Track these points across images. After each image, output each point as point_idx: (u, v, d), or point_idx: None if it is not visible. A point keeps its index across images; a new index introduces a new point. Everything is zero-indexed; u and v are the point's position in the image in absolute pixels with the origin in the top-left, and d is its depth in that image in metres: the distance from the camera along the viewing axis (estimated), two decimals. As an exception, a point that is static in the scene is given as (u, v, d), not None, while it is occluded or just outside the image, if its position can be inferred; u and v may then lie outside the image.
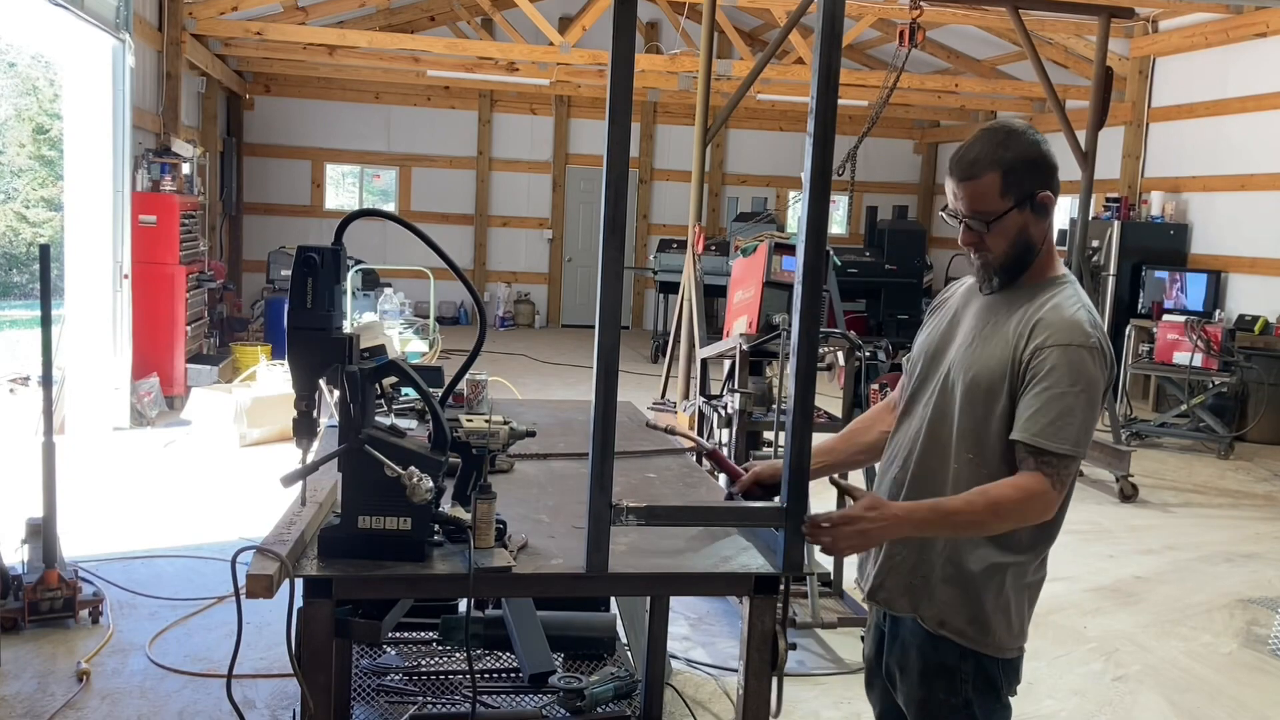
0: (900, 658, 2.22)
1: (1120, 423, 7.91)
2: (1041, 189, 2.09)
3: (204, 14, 10.14)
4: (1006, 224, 2.09)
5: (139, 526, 5.53)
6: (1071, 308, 2.07)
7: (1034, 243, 2.12)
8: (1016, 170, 2.06)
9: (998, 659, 2.14)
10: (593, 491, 2.01)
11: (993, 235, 2.10)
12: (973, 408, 2.11)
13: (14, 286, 18.24)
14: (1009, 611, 2.14)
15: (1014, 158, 2.07)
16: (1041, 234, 2.13)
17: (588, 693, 3.25)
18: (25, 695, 3.60)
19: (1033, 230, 2.11)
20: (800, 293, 2.05)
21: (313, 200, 14.84)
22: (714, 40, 6.94)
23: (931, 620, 2.15)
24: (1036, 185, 2.09)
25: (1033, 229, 2.11)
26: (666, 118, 15.37)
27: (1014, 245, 2.11)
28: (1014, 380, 2.06)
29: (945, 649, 2.14)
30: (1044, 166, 2.10)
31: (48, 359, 4.26)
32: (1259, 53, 9.96)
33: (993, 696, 2.16)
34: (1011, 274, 2.13)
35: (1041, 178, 2.09)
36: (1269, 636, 4.63)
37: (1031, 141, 2.10)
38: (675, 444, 3.14)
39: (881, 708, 2.37)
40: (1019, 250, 2.11)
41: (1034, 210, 2.09)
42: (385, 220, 3.39)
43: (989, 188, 2.07)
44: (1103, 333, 2.08)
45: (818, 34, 1.97)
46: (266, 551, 1.98)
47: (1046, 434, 2.00)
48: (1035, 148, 2.10)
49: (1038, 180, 2.09)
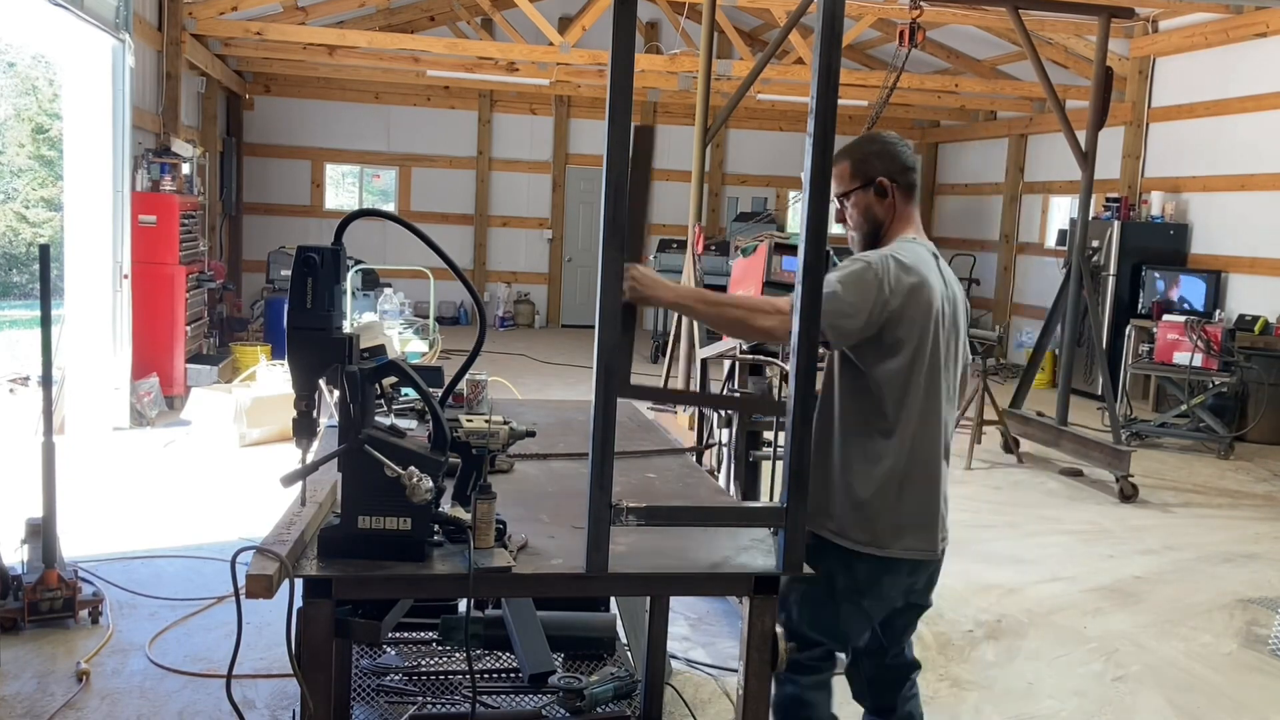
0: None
1: (1120, 423, 7.91)
2: (882, 175, 2.68)
3: (204, 14, 10.14)
4: (856, 200, 2.71)
5: (139, 526, 5.53)
6: (882, 250, 2.63)
7: (880, 217, 2.71)
8: (864, 160, 2.69)
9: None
10: (593, 491, 2.01)
11: (850, 210, 2.74)
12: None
13: (14, 286, 18.24)
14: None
15: (864, 151, 2.71)
16: (885, 210, 2.71)
17: (588, 693, 3.25)
18: (25, 695, 3.60)
19: (876, 208, 2.71)
20: (800, 293, 2.05)
21: (313, 200, 14.84)
22: (714, 40, 6.93)
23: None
24: (878, 172, 2.68)
25: (876, 207, 2.71)
26: (666, 118, 15.36)
27: (864, 218, 2.72)
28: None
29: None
30: (886, 158, 2.70)
31: (48, 359, 4.26)
32: (1259, 53, 9.96)
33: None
34: (869, 241, 2.73)
35: (883, 167, 2.69)
36: (1269, 636, 4.63)
37: (884, 142, 2.74)
38: (675, 443, 3.13)
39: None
40: (870, 224, 2.72)
41: (876, 192, 2.69)
42: (385, 220, 3.39)
43: (843, 172, 2.71)
44: (896, 262, 2.56)
45: (818, 34, 1.97)
46: (266, 551, 1.98)
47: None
48: (883, 146, 2.72)
49: (879, 169, 2.68)
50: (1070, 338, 8.05)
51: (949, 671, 4.16)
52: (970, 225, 15.21)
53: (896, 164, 2.69)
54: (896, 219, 2.71)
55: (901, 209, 2.71)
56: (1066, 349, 8.10)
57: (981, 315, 14.61)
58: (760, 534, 2.38)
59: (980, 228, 14.94)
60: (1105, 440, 7.36)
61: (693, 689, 3.86)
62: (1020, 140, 13.93)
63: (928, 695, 3.93)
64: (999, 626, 4.68)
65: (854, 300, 2.47)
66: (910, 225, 2.72)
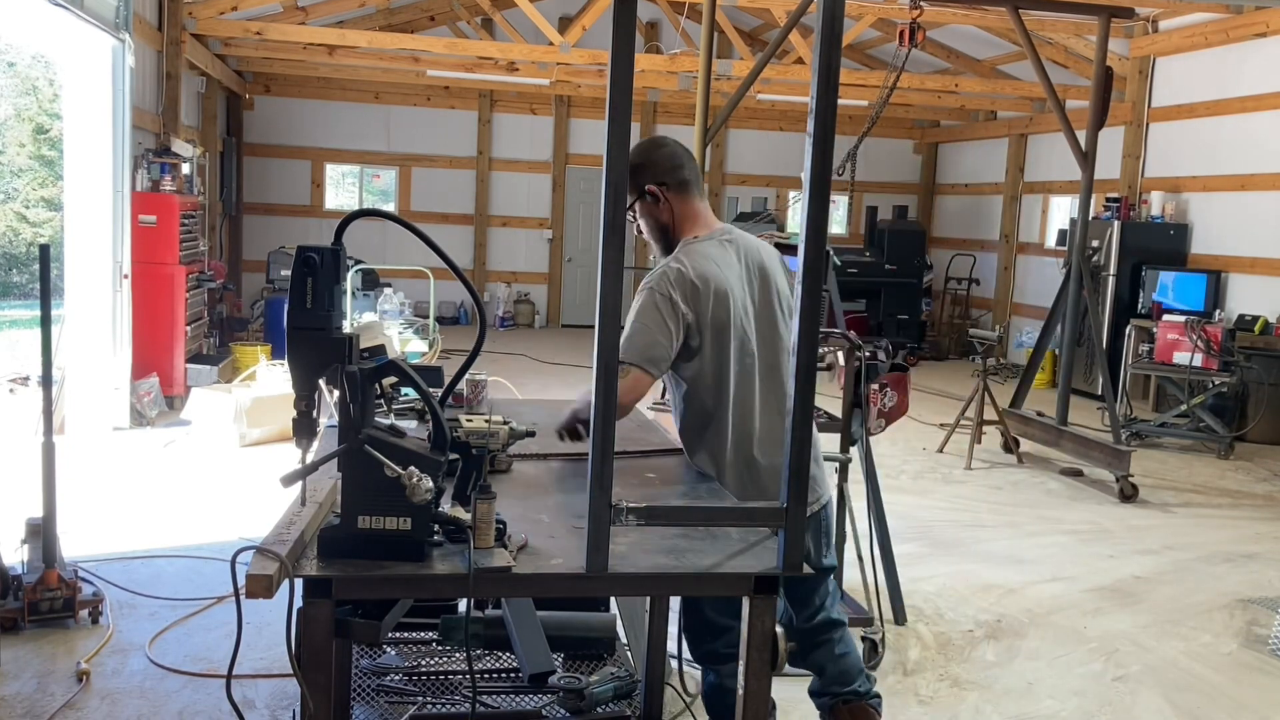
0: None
1: (1120, 423, 7.92)
2: (650, 183, 2.87)
3: (204, 14, 10.14)
4: (639, 212, 2.93)
5: (139, 526, 5.53)
6: (663, 263, 2.83)
7: (663, 221, 2.92)
8: (631, 174, 2.63)
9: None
10: (593, 491, 2.01)
11: (639, 222, 2.95)
12: None
13: (14, 286, 18.25)
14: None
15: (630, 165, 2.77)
16: (665, 213, 2.91)
17: (588, 693, 3.25)
18: (25, 695, 3.60)
19: (656, 214, 2.91)
20: (800, 293, 2.05)
21: (313, 200, 14.84)
22: (714, 40, 6.93)
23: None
24: (646, 180, 2.87)
25: (655, 213, 2.91)
26: (666, 118, 15.36)
27: (651, 226, 2.95)
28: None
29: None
30: (651, 166, 2.88)
31: (48, 359, 4.26)
32: (1259, 53, 9.96)
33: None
34: (663, 245, 2.95)
35: (651, 175, 2.88)
36: (1269, 636, 4.63)
37: (645, 150, 2.92)
38: (675, 443, 3.13)
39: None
40: (658, 229, 2.94)
41: (651, 199, 2.89)
42: (385, 220, 3.39)
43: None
44: (676, 274, 2.76)
45: (818, 34, 1.97)
46: (266, 551, 1.98)
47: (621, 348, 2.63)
48: (644, 156, 2.89)
49: (647, 177, 2.87)
50: (1070, 338, 8.05)
51: (949, 671, 4.16)
52: (970, 225, 15.22)
53: (661, 168, 2.88)
54: (680, 219, 2.93)
55: (680, 208, 2.91)
56: (1066, 349, 8.10)
57: (981, 315, 14.61)
58: (760, 534, 2.38)
59: (980, 228, 14.94)
60: (1105, 440, 7.36)
61: (693, 689, 3.86)
62: (1020, 140, 13.93)
63: (928, 695, 3.94)
64: (999, 626, 4.68)
65: (656, 332, 2.75)
66: (695, 222, 2.93)
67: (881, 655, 4.17)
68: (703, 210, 2.96)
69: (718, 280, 2.79)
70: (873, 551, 4.46)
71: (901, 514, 6.23)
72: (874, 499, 4.69)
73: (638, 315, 2.76)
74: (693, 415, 2.91)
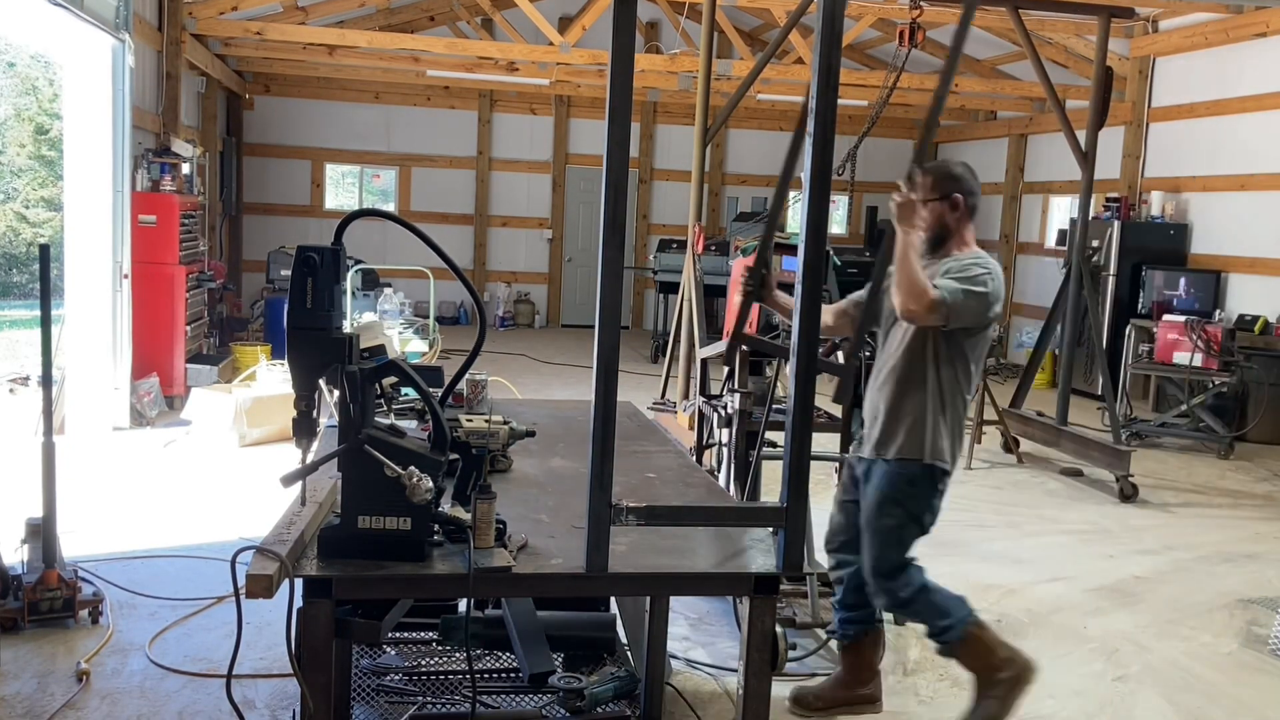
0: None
1: (1120, 423, 7.91)
2: (961, 193, 3.45)
3: (204, 14, 10.14)
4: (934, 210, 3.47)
5: (139, 526, 5.53)
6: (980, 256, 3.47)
7: (949, 227, 3.47)
8: (950, 179, 3.53)
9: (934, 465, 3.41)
10: (593, 491, 2.01)
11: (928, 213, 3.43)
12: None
13: (14, 286, 18.25)
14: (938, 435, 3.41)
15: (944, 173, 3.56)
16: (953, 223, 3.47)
17: (588, 693, 3.25)
18: (25, 695, 3.60)
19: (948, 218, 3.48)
20: (800, 293, 2.05)
21: (312, 200, 14.84)
22: (714, 40, 6.94)
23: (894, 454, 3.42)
24: (960, 190, 3.47)
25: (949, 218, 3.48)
26: (666, 118, 15.36)
27: (935, 224, 3.48)
28: None
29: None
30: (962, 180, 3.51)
31: (48, 359, 4.26)
32: (1259, 53, 9.95)
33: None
34: (931, 246, 3.48)
35: (963, 188, 3.49)
36: (1269, 636, 4.63)
37: (963, 166, 3.54)
38: (675, 443, 3.13)
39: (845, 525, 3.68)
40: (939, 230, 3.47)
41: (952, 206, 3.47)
42: (385, 220, 3.39)
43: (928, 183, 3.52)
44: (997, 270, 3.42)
45: (818, 34, 1.98)
46: (266, 551, 1.98)
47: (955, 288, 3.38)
48: (963, 169, 3.53)
49: (961, 188, 3.49)
50: (1070, 338, 8.05)
51: (949, 671, 4.16)
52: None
53: (972, 190, 3.46)
54: (958, 233, 3.45)
55: (963, 226, 3.46)
56: (1066, 349, 8.10)
57: (981, 315, 14.59)
58: (760, 534, 2.38)
59: (980, 228, 14.75)
60: (1105, 440, 7.36)
61: (693, 689, 3.86)
62: (1020, 140, 13.93)
63: (928, 695, 3.94)
64: (999, 626, 4.67)
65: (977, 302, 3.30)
66: (965, 241, 3.48)
67: (881, 655, 4.17)
68: (971, 237, 3.50)
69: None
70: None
71: (901, 514, 6.22)
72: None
73: (974, 285, 3.29)
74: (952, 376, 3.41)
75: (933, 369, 3.38)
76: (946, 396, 3.38)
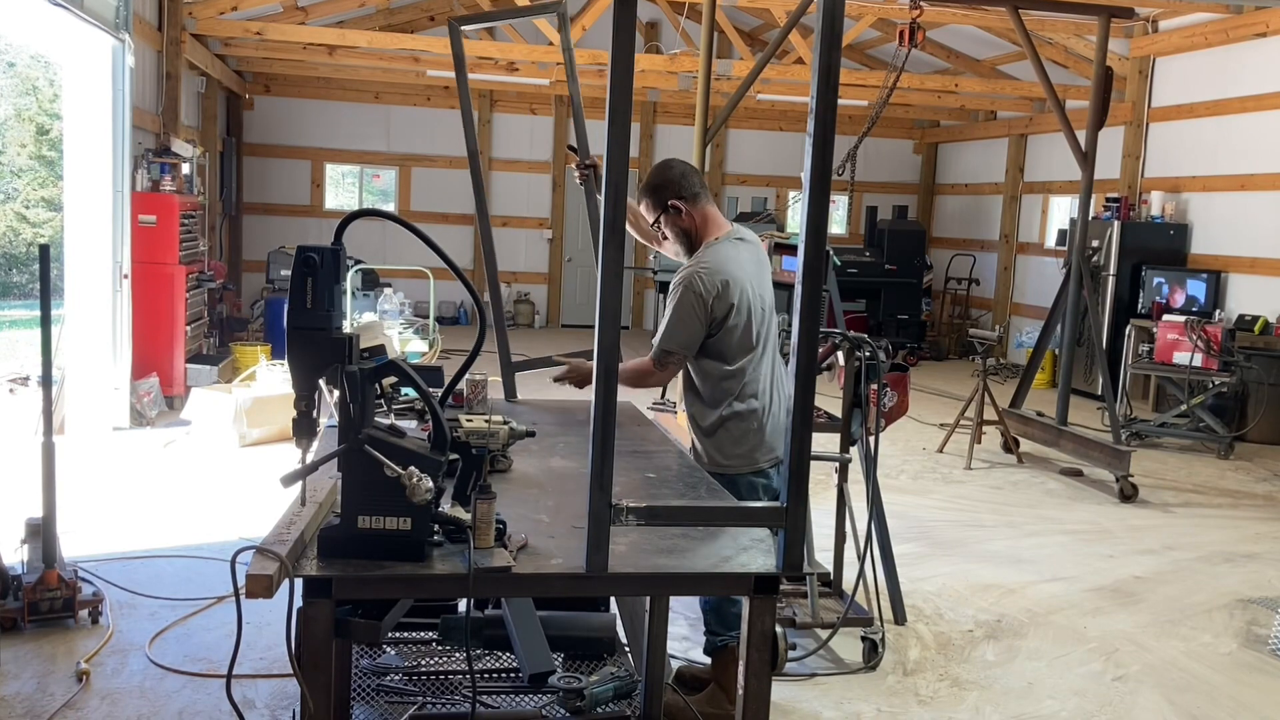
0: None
1: (1120, 423, 7.91)
2: (671, 199, 3.43)
3: (204, 14, 10.14)
4: (665, 223, 3.47)
5: (139, 526, 5.53)
6: (692, 264, 3.39)
7: (686, 229, 3.46)
8: (656, 190, 3.46)
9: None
10: (593, 491, 2.01)
11: (665, 231, 3.48)
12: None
13: (14, 286, 18.25)
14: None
15: (654, 185, 3.47)
16: (687, 222, 3.45)
17: (588, 693, 3.25)
18: (25, 695, 3.60)
19: (680, 223, 3.46)
20: (800, 293, 2.05)
21: (312, 200, 14.83)
22: (714, 40, 6.93)
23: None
24: (667, 198, 3.43)
25: (680, 222, 3.46)
26: (666, 118, 15.36)
27: (676, 234, 3.48)
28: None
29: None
30: (663, 187, 3.45)
31: (48, 359, 4.26)
32: (1259, 53, 9.95)
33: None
34: (687, 249, 3.50)
35: (668, 194, 3.44)
36: (1269, 636, 4.63)
37: (656, 172, 3.49)
38: (675, 443, 3.13)
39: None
40: (683, 236, 3.49)
41: (674, 212, 3.44)
42: (385, 220, 3.39)
43: (648, 205, 3.50)
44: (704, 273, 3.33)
45: (818, 34, 1.97)
46: (266, 551, 1.98)
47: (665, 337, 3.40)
48: (657, 177, 3.48)
49: (666, 195, 3.44)
50: (1070, 338, 8.05)
51: (949, 671, 4.16)
52: (970, 225, 15.21)
53: (676, 185, 3.44)
54: (699, 224, 3.47)
55: (698, 215, 3.45)
56: (1066, 349, 8.10)
57: (981, 315, 14.61)
58: (760, 534, 2.38)
59: (980, 228, 14.94)
60: (1105, 440, 7.36)
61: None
62: (1020, 140, 13.93)
63: (928, 695, 3.94)
64: (999, 626, 4.68)
65: (693, 327, 3.33)
66: (710, 224, 3.48)
67: (881, 655, 4.17)
68: (714, 213, 3.49)
69: (735, 277, 3.34)
70: (872, 551, 4.46)
71: (901, 514, 6.23)
72: (874, 499, 4.69)
73: (676, 309, 3.33)
74: (712, 386, 3.44)
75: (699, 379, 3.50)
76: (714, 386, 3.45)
